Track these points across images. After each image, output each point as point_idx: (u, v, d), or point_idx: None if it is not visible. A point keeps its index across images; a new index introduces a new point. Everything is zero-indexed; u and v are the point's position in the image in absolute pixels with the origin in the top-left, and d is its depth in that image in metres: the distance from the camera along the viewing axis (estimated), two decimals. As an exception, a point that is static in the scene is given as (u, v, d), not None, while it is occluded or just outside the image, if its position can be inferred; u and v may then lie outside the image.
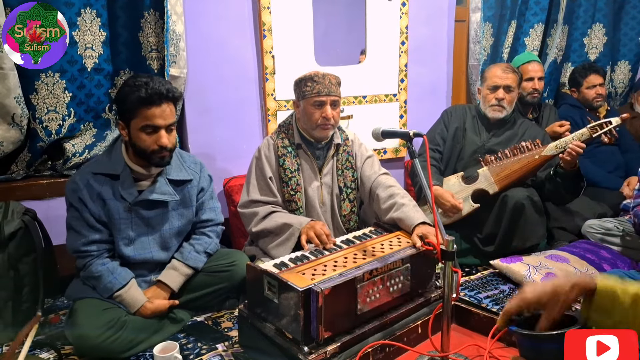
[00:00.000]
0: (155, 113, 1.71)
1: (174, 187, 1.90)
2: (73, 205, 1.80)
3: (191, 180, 1.95)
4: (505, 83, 2.49)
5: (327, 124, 2.03)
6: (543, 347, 1.07)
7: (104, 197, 1.79)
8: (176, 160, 1.93)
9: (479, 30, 3.04)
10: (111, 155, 1.84)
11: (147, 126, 1.73)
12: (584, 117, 3.04)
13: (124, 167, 1.81)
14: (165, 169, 1.88)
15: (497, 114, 2.54)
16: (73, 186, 1.79)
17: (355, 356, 1.41)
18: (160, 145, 1.75)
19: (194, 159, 2.04)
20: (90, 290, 1.80)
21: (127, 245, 1.85)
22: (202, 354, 1.75)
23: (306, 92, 2.01)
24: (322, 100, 2.00)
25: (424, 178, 1.51)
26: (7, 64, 1.96)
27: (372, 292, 1.54)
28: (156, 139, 1.74)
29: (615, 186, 2.88)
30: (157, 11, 2.31)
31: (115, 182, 1.81)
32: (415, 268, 1.67)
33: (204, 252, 1.97)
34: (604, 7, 3.42)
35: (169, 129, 1.78)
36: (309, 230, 1.87)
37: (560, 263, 2.24)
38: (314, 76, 2.01)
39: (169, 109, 1.76)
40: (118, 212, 1.81)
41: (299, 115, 2.11)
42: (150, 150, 1.76)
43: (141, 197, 1.82)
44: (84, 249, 1.79)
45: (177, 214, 1.94)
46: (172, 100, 1.77)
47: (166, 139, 1.75)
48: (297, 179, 2.09)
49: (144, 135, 1.74)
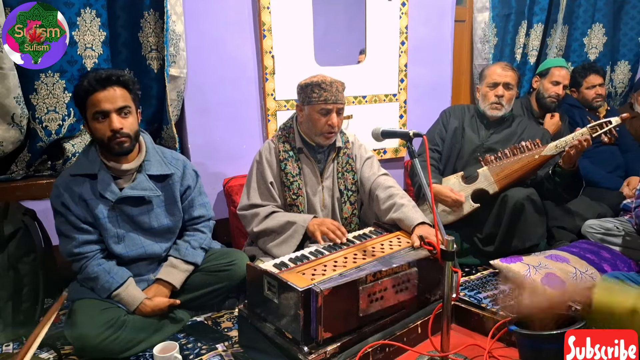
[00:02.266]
0: (99, 98, 1.70)
1: (156, 183, 1.88)
2: (58, 211, 1.79)
3: (172, 175, 1.92)
4: (505, 80, 2.49)
5: (331, 131, 2.03)
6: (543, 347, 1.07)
7: (85, 198, 1.78)
8: (156, 156, 1.91)
9: (487, 29, 3.04)
10: (88, 156, 1.83)
11: (96, 112, 1.71)
12: (584, 117, 3.04)
13: (100, 165, 1.80)
14: (144, 165, 1.86)
15: (495, 112, 2.54)
16: (55, 191, 1.79)
17: (355, 356, 1.41)
18: (113, 129, 1.71)
19: (176, 155, 2.01)
20: (89, 291, 1.80)
21: (117, 243, 1.84)
22: (202, 354, 1.75)
23: (313, 98, 1.99)
24: (328, 109, 1.99)
25: (424, 178, 1.51)
26: (7, 64, 1.96)
27: (376, 294, 1.53)
28: (108, 124, 1.72)
29: (615, 186, 2.88)
30: (157, 11, 2.31)
31: (94, 182, 1.79)
32: (424, 272, 1.64)
33: (200, 248, 1.97)
34: (603, 7, 3.42)
35: (123, 112, 1.74)
36: (320, 227, 1.89)
37: (560, 263, 2.24)
38: (321, 83, 1.99)
39: (117, 93, 1.72)
40: (102, 212, 1.80)
41: (301, 119, 2.10)
42: (107, 138, 1.73)
43: (122, 194, 1.80)
44: (76, 252, 1.79)
45: (164, 211, 1.92)
46: (118, 84, 1.73)
47: (117, 122, 1.71)
48: (298, 183, 2.09)
49: (97, 124, 1.73)
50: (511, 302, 1.08)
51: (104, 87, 1.70)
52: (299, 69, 2.63)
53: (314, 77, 2.03)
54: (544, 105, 2.95)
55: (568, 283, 2.09)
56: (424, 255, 1.66)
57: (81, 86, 1.71)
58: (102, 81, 1.70)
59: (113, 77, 1.72)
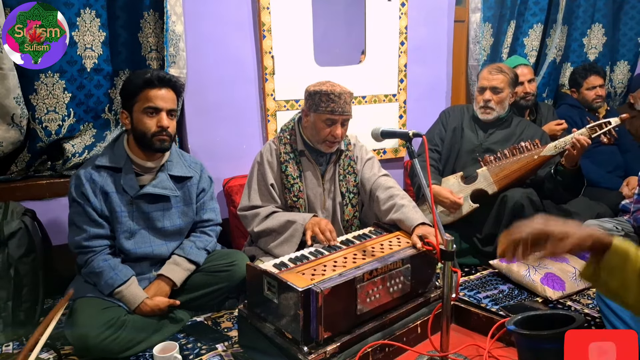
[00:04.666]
0: (157, 94, 1.81)
1: (175, 184, 1.94)
2: (76, 200, 1.82)
3: (191, 178, 1.99)
4: (492, 84, 2.49)
5: (334, 142, 2.03)
6: (542, 346, 1.07)
7: (107, 190, 1.83)
8: (177, 158, 1.98)
9: (479, 30, 3.05)
10: (114, 149, 1.89)
11: (149, 107, 1.81)
12: (584, 117, 3.04)
13: (126, 160, 1.86)
14: (167, 165, 1.92)
15: (485, 116, 2.54)
16: (77, 181, 1.83)
17: (354, 356, 1.42)
18: (161, 126, 1.81)
19: (194, 159, 2.08)
20: (89, 290, 1.80)
21: (128, 239, 1.86)
22: (202, 354, 1.75)
23: (320, 107, 1.98)
24: (334, 119, 1.99)
25: (424, 178, 1.51)
26: (7, 64, 1.96)
27: (372, 292, 1.54)
28: (157, 120, 1.81)
29: (614, 186, 2.88)
30: (157, 11, 2.31)
31: (117, 175, 1.84)
32: (416, 268, 1.67)
33: (204, 249, 1.99)
34: (603, 7, 3.42)
35: (170, 114, 1.85)
36: (314, 227, 1.89)
37: (560, 263, 2.25)
38: (330, 93, 1.96)
39: (169, 95, 1.85)
40: (120, 205, 1.84)
41: (306, 124, 2.09)
42: (152, 133, 1.82)
43: (143, 190, 1.85)
44: (85, 244, 1.81)
45: (179, 212, 1.96)
46: (173, 88, 1.86)
47: (167, 121, 1.83)
48: (299, 185, 2.09)
49: (146, 117, 1.81)
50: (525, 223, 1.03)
51: (163, 86, 1.82)
52: (298, 69, 2.63)
53: (323, 84, 1.99)
54: (522, 106, 2.92)
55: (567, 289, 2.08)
56: (417, 252, 1.68)
57: (141, 78, 1.80)
58: (163, 80, 1.82)
59: (172, 80, 1.86)
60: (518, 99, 2.86)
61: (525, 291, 2.19)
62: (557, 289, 2.11)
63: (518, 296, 2.16)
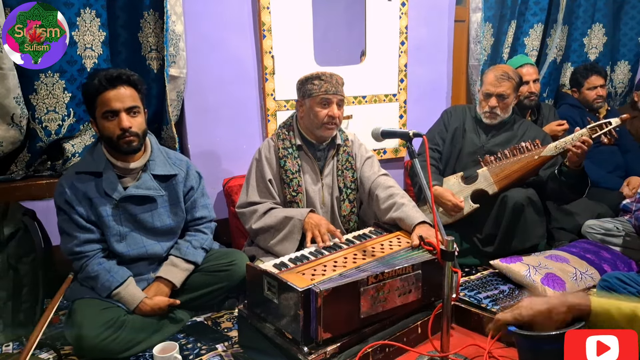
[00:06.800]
0: (110, 97, 1.72)
1: (160, 183, 1.90)
2: (61, 209, 1.80)
3: (176, 176, 1.94)
4: (498, 92, 2.47)
5: (332, 123, 2.03)
6: (543, 347, 1.07)
7: (90, 196, 1.79)
8: (160, 156, 1.93)
9: (480, 30, 3.04)
10: (93, 154, 1.84)
11: (107, 112, 1.73)
12: (584, 117, 3.04)
13: (106, 164, 1.81)
14: (149, 165, 1.88)
15: (490, 121, 2.54)
16: (59, 189, 1.80)
17: (355, 356, 1.41)
18: (122, 128, 1.73)
19: (179, 155, 2.04)
20: (89, 291, 1.80)
21: (119, 242, 1.84)
22: (202, 354, 1.75)
23: (313, 90, 2.01)
24: (329, 99, 2.01)
25: (424, 178, 1.51)
26: (7, 64, 1.96)
27: (378, 296, 1.51)
28: (117, 122, 1.74)
29: (615, 186, 2.88)
30: (157, 11, 2.31)
31: (99, 180, 1.81)
32: (428, 275, 1.62)
33: (200, 248, 1.98)
34: (603, 7, 3.42)
35: (132, 112, 1.77)
36: (314, 229, 1.88)
37: (560, 263, 2.24)
38: (321, 75, 2.02)
39: (126, 92, 1.75)
40: (105, 210, 1.81)
41: (302, 115, 2.10)
42: (116, 137, 1.75)
43: (126, 193, 1.81)
44: (78, 250, 1.79)
45: (167, 211, 1.93)
46: (128, 84, 1.76)
47: (127, 122, 1.74)
48: (298, 180, 2.09)
49: (107, 122, 1.75)
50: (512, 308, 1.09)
51: (114, 86, 1.73)
52: (298, 69, 2.63)
53: (312, 72, 2.05)
54: (525, 106, 2.91)
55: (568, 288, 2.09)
56: (428, 258, 1.64)
57: (91, 84, 1.73)
58: (112, 80, 1.72)
59: (123, 76, 1.75)
60: (522, 99, 2.85)
61: (526, 291, 2.18)
62: (558, 289, 2.10)
63: (518, 296, 2.16)
